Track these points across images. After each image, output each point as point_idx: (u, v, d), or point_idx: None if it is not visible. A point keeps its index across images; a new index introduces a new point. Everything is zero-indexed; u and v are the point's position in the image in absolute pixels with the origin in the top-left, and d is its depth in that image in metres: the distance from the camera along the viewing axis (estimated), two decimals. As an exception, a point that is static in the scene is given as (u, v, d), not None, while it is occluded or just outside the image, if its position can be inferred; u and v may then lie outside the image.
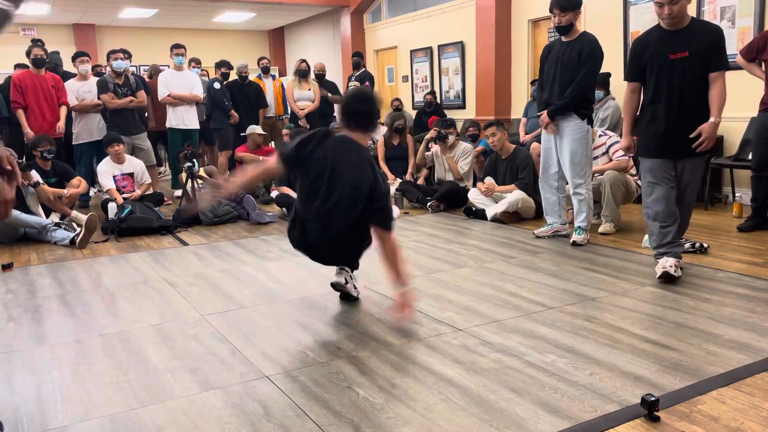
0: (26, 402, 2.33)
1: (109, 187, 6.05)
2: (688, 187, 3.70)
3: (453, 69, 9.54)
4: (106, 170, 6.14)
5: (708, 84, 3.53)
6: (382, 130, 8.49)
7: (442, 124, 6.43)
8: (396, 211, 3.25)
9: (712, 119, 3.50)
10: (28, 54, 6.64)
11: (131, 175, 6.28)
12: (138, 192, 6.18)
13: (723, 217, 5.39)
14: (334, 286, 3.37)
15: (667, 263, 3.54)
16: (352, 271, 3.41)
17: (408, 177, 6.94)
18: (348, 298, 3.41)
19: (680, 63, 3.53)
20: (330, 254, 3.32)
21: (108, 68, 7.05)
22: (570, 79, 4.38)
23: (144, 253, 4.75)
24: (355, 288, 3.40)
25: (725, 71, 3.53)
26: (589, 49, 4.32)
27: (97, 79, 6.95)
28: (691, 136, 3.52)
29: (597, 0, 7.12)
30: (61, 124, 6.66)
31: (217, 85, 7.64)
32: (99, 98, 6.85)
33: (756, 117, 4.98)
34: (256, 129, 7.09)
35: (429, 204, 6.16)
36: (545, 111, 4.52)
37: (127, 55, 7.40)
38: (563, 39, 4.44)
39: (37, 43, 7.00)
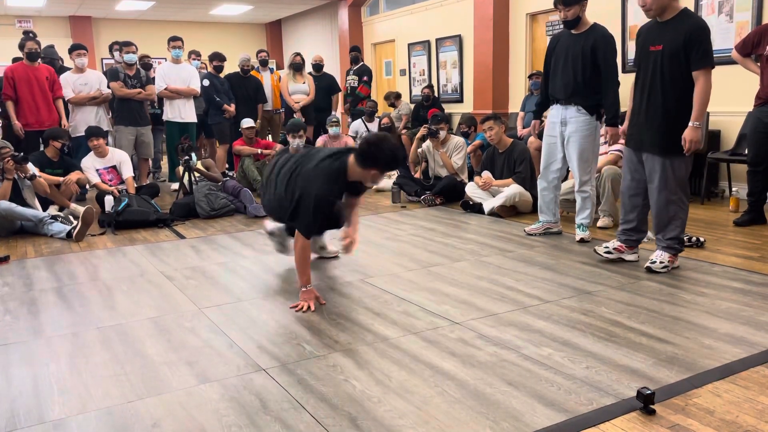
0: (23, 395, 2.33)
1: (96, 181, 6.05)
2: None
3: (451, 62, 9.52)
4: (90, 165, 6.12)
5: (684, 82, 3.47)
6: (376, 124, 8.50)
7: (433, 120, 6.43)
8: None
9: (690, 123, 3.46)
10: (21, 47, 6.60)
11: (115, 167, 6.25)
12: (128, 188, 6.14)
13: (719, 212, 5.40)
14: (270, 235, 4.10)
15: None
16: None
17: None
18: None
19: (654, 55, 3.55)
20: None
21: (120, 59, 7.18)
22: (578, 72, 4.23)
23: (141, 246, 4.75)
24: (322, 248, 4.15)
25: (705, 69, 3.40)
26: (605, 46, 4.17)
27: (109, 68, 7.11)
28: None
29: (595, -6, 7.11)
30: (65, 121, 6.66)
31: (206, 83, 7.64)
32: (108, 86, 6.98)
33: (751, 112, 4.99)
34: (244, 123, 7.11)
35: (423, 198, 6.18)
36: (558, 111, 4.40)
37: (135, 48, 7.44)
38: (572, 32, 4.30)
39: (29, 35, 6.95)
